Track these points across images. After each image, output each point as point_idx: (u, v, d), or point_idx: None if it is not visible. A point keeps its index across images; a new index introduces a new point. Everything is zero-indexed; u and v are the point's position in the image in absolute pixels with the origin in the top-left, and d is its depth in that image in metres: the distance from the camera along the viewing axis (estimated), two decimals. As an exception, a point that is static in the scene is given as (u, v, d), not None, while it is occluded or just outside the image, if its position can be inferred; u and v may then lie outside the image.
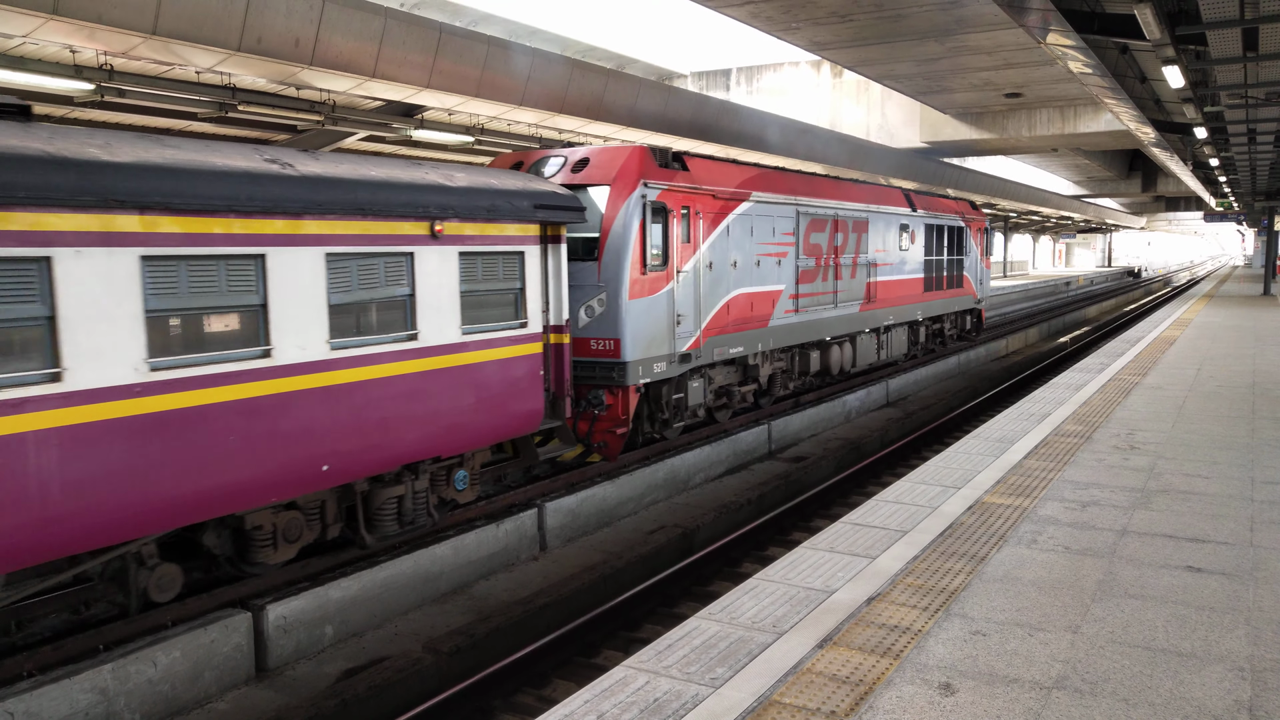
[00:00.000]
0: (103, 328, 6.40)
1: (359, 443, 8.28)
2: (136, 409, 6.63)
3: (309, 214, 7.75)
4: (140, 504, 6.70)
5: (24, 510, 6.04)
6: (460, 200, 9.22)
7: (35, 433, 6.05)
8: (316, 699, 6.97)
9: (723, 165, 14.57)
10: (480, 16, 31.84)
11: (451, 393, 9.21)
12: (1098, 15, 13.46)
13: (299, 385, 7.76)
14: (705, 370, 14.12)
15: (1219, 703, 4.21)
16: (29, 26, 10.16)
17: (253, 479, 7.45)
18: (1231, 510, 7.14)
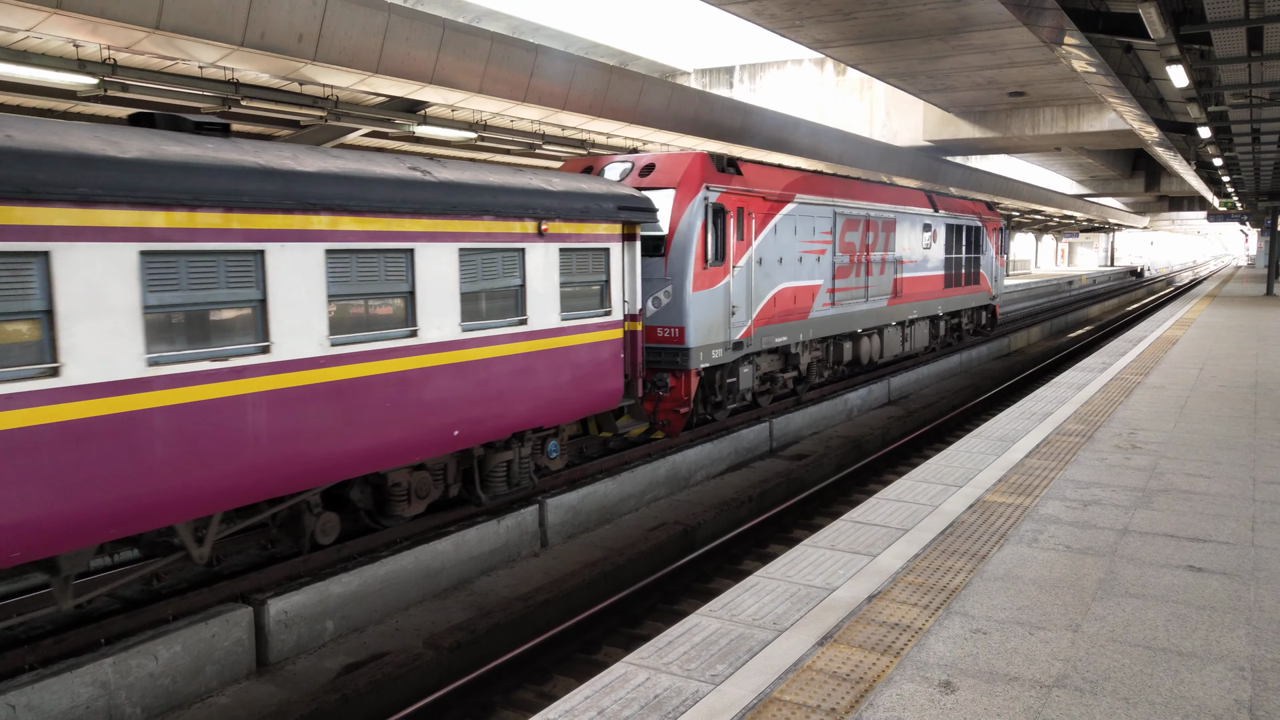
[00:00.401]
0: (299, 310, 7.70)
1: (481, 412, 9.63)
2: (321, 378, 7.95)
3: (446, 215, 9.07)
4: (321, 457, 8.00)
5: (244, 457, 7.34)
6: (560, 203, 10.56)
7: (251, 395, 7.37)
8: (317, 694, 6.99)
9: (770, 169, 15.80)
10: (483, 13, 31.83)
11: (552, 371, 10.59)
12: (1102, 14, 13.44)
13: (437, 361, 9.06)
14: (754, 357, 15.44)
15: (1219, 702, 4.21)
16: (33, 20, 10.16)
17: (400, 441, 8.73)
18: (1233, 510, 7.13)
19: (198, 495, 7.12)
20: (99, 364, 6.40)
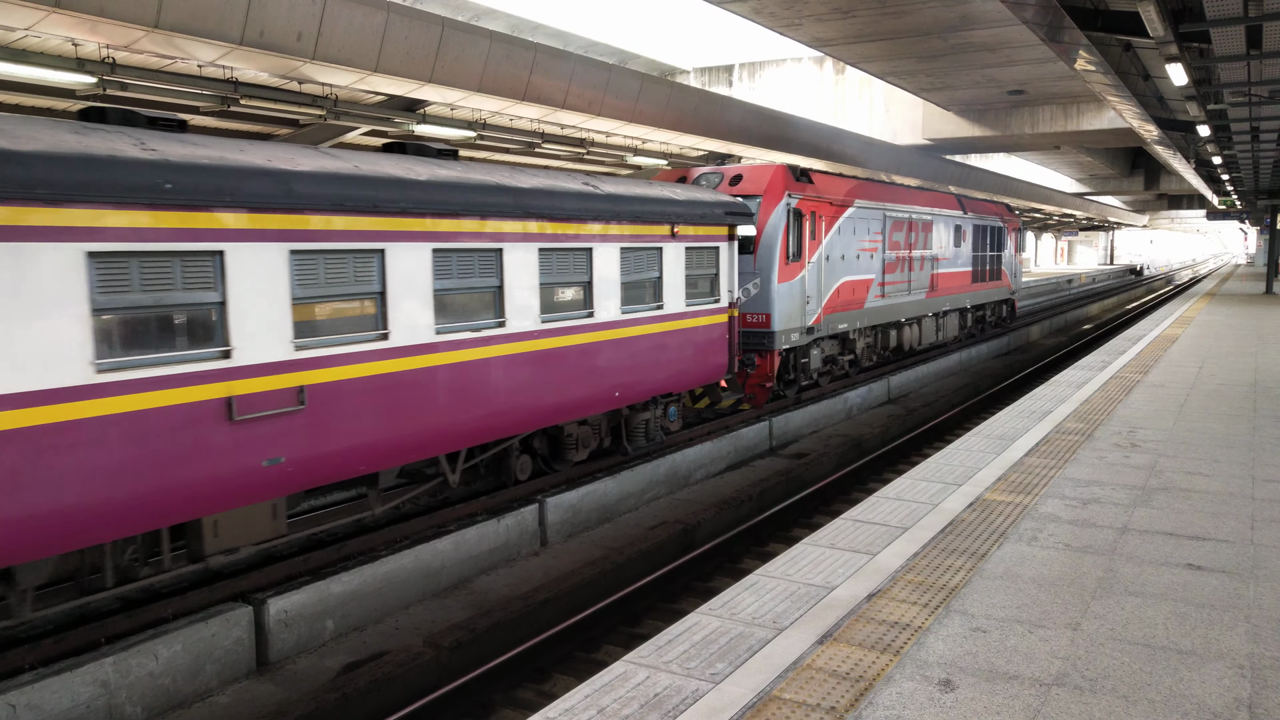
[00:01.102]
0: (523, 294, 10.13)
1: (632, 378, 12.03)
2: (534, 347, 10.33)
3: (612, 221, 11.45)
4: (531, 409, 10.37)
5: (488, 405, 9.70)
6: (685, 210, 12.87)
7: (493, 358, 9.78)
8: (317, 693, 6.99)
9: (835, 178, 18.36)
10: (482, 11, 31.81)
11: (679, 347, 12.95)
12: (1101, 13, 13.43)
13: (606, 337, 11.50)
14: (821, 341, 17.91)
15: (1219, 700, 4.21)
16: (31, 19, 10.15)
17: (579, 399, 11.10)
18: (1232, 508, 7.14)
19: (460, 432, 9.49)
20: (407, 331, 8.77)
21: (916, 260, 21.79)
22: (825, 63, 34.84)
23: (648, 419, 12.85)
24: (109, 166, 6.54)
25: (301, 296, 7.84)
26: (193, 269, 7.07)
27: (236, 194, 7.25)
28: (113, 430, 6.56)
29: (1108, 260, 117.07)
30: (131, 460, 6.70)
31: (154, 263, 6.81)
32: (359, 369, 8.27)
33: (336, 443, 8.13)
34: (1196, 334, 20.23)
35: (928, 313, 22.78)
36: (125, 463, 6.64)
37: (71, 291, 6.31)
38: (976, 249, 26.00)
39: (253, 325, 7.45)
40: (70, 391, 6.33)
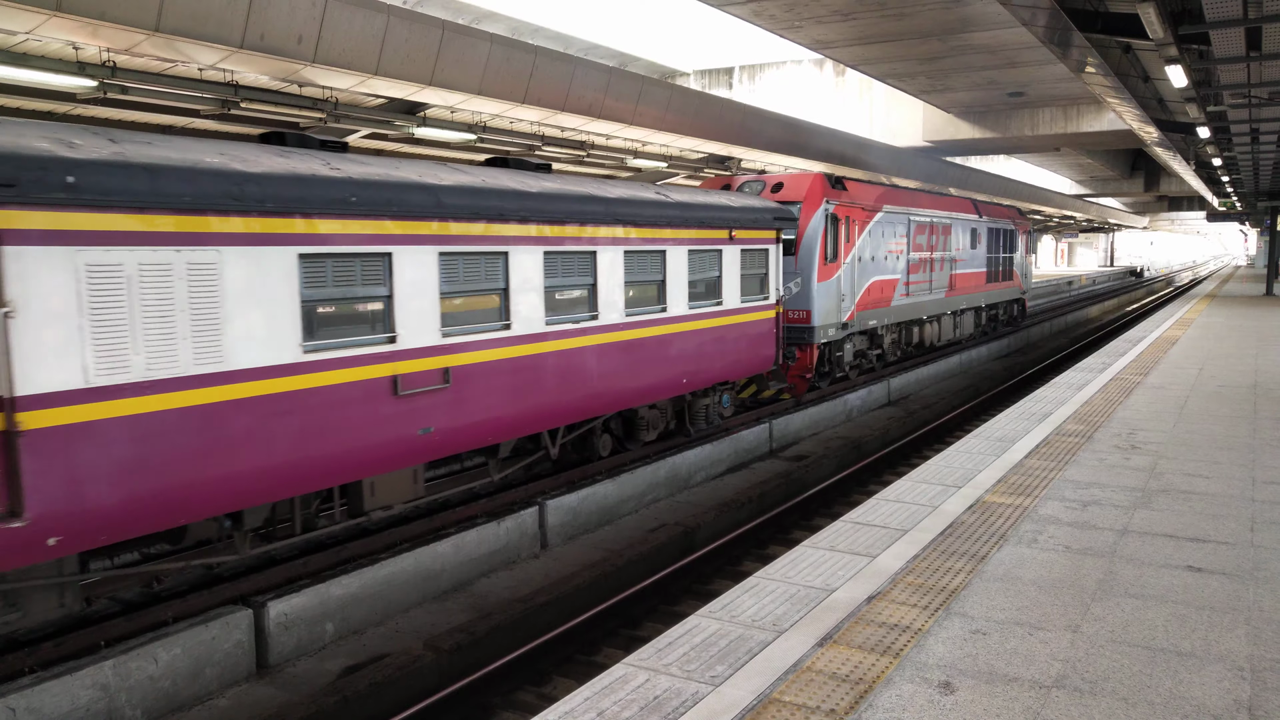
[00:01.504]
0: (612, 291, 11.43)
1: (696, 367, 13.25)
2: (620, 337, 11.67)
3: (681, 226, 12.71)
4: (616, 393, 11.71)
5: (583, 388, 11.06)
6: (741, 215, 14.14)
7: (587, 346, 11.08)
8: (317, 696, 6.99)
9: (866, 185, 19.84)
10: (483, 14, 31.84)
11: (735, 340, 14.17)
12: (1101, 14, 13.44)
13: (676, 329, 12.79)
14: (854, 336, 19.30)
15: (1218, 702, 4.21)
16: (32, 23, 10.16)
17: (654, 385, 12.47)
18: (1232, 510, 7.13)
19: (562, 411, 10.83)
20: (525, 322, 10.11)
21: (937, 261, 23.27)
22: (825, 65, 34.86)
23: (707, 404, 14.27)
24: (312, 184, 7.87)
25: (446, 291, 9.19)
26: (369, 268, 8.41)
27: (400, 205, 8.58)
28: (313, 401, 7.89)
29: (1108, 262, 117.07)
30: (327, 426, 8.02)
31: (342, 263, 8.18)
32: (488, 354, 9.76)
33: (471, 417, 9.56)
34: (1197, 336, 20.22)
35: (947, 311, 24.26)
36: (322, 428, 7.98)
37: (289, 286, 7.67)
38: (991, 251, 27.45)
39: (412, 315, 8.79)
40: (287, 368, 7.68)
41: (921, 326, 23.00)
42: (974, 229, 25.92)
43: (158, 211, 6.78)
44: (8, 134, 6.22)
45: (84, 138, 6.68)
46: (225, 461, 7.24)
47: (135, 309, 6.68)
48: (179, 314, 6.94)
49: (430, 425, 9.01)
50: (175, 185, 6.87)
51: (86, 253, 6.40)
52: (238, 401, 7.29)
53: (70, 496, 6.34)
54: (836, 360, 18.55)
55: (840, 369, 18.80)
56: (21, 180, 6.03)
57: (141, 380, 6.72)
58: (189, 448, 7.02)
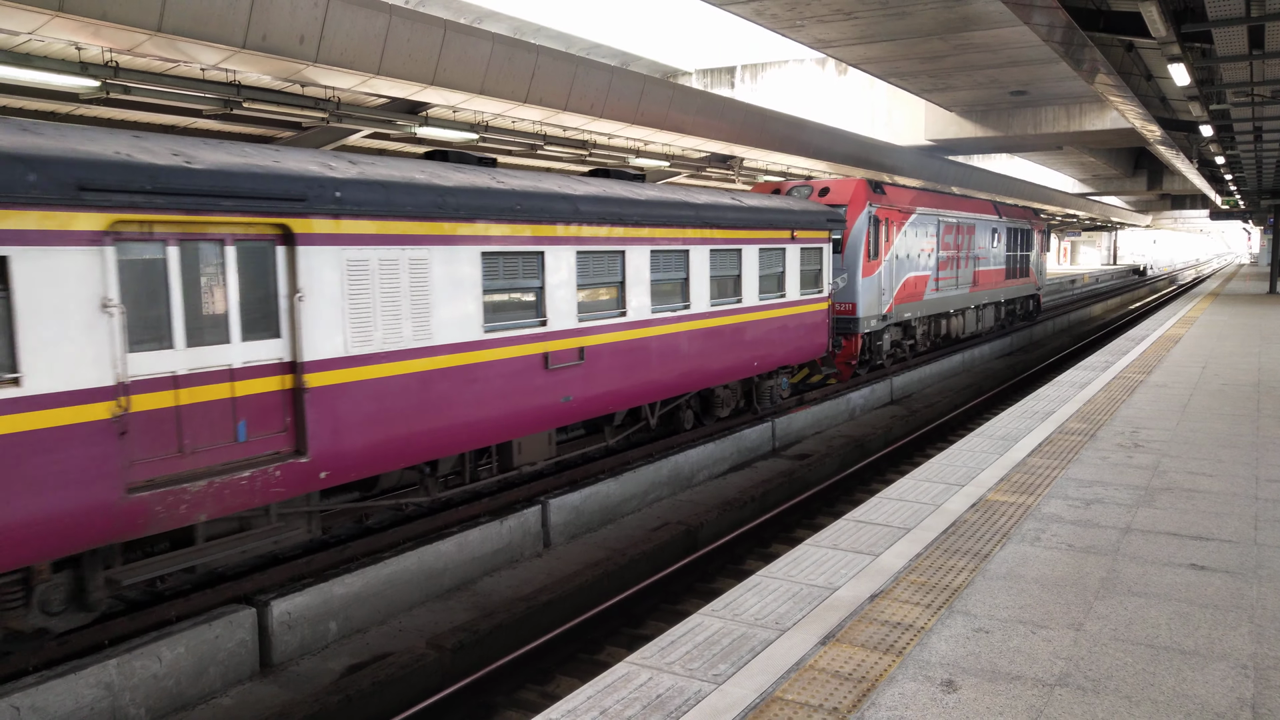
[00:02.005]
0: (701, 284, 13.26)
1: (764, 352, 15.14)
2: (706, 324, 13.49)
3: (754, 227, 14.53)
4: (701, 372, 13.51)
5: (678, 368, 12.89)
6: (801, 217, 16.01)
7: (681, 332, 12.85)
8: (320, 694, 7.00)
9: (901, 189, 21.70)
10: (484, 13, 31.84)
11: (795, 328, 16.00)
12: (1103, 13, 13.42)
13: (750, 318, 14.62)
14: (891, 327, 21.07)
15: (1222, 700, 4.21)
16: (34, 23, 10.17)
17: (730, 367, 14.31)
18: (1235, 508, 7.13)
19: (661, 387, 12.68)
20: (637, 310, 12.01)
21: (962, 259, 25.17)
22: (827, 64, 34.81)
23: (771, 385, 16.13)
24: (489, 195, 9.69)
25: (580, 284, 11.04)
26: (527, 264, 10.29)
27: (549, 212, 10.42)
28: (489, 372, 9.80)
29: (1111, 260, 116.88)
30: (498, 393, 9.89)
31: (509, 260, 10.04)
32: (609, 336, 11.60)
33: (598, 388, 11.42)
34: (1200, 334, 20.19)
35: (970, 305, 26.28)
36: (495, 394, 9.86)
37: (475, 278, 9.54)
38: (1009, 249, 29.37)
39: (558, 304, 10.68)
40: (473, 344, 9.56)
41: (948, 319, 24.91)
42: (994, 229, 27.76)
43: (391, 218, 8.55)
44: (294, 159, 8.05)
45: (335, 160, 8.56)
46: (431, 419, 9.10)
47: (376, 296, 8.47)
48: (403, 300, 8.75)
49: (570, 394, 11.04)
50: (402, 197, 8.68)
51: (347, 251, 8.18)
52: (440, 370, 9.19)
53: (334, 441, 8.12)
54: (876, 349, 20.38)
55: (879, 357, 20.59)
56: (309, 196, 7.82)
57: (379, 351, 8.54)
58: (409, 406, 8.84)
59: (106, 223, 6.59)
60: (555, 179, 11.25)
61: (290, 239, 7.78)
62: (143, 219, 6.85)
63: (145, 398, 6.90)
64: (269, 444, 7.73)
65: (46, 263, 6.28)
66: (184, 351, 7.17)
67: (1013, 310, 31.45)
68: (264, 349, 7.70)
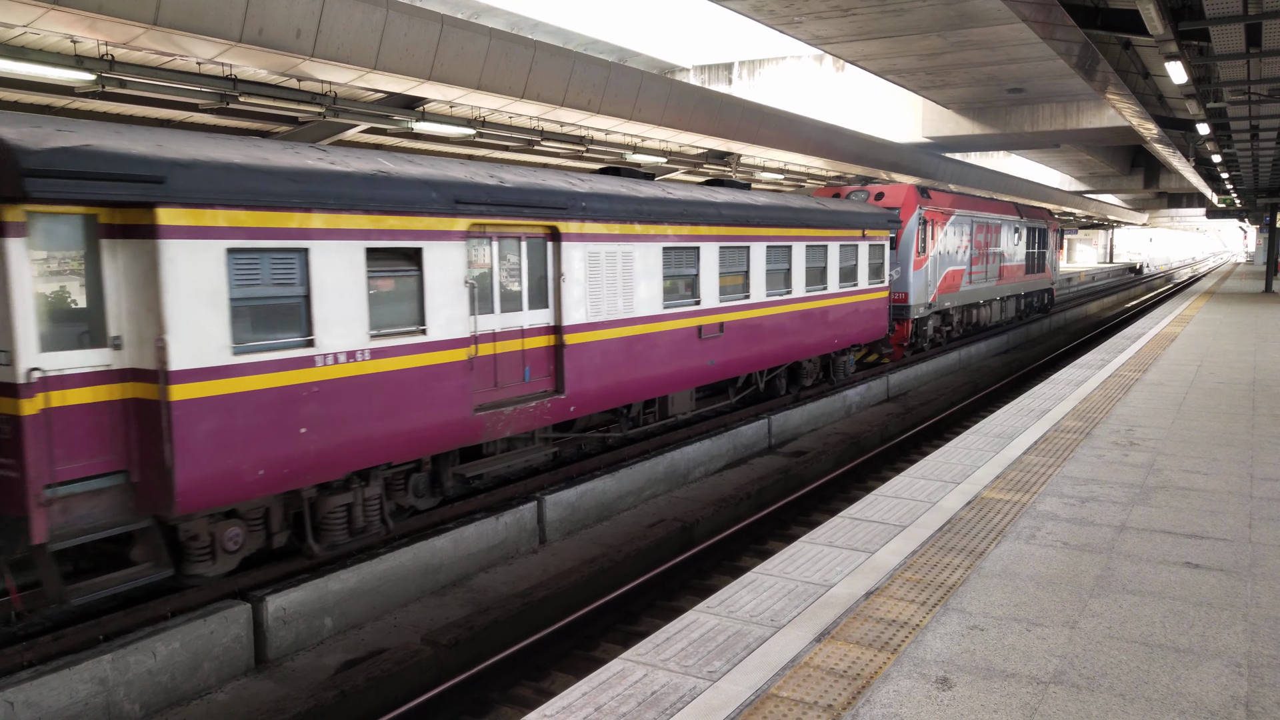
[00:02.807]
0: (800, 272, 16.19)
1: (838, 332, 18.02)
2: (801, 307, 16.24)
3: (836, 227, 17.34)
4: (797, 347, 16.35)
5: (759, 348, 15.14)
6: (869, 219, 18.92)
7: (752, 318, 14.93)
8: (315, 690, 6.99)
9: (943, 194, 24.55)
10: (482, 9, 31.77)
11: (863, 313, 18.97)
12: (1101, 10, 13.43)
13: (832, 303, 17.52)
14: (933, 315, 24.35)
15: (1216, 698, 4.21)
16: (30, 16, 10.12)
17: (818, 342, 17.10)
18: (1230, 506, 7.14)
19: (769, 357, 15.61)
20: (757, 293, 15.00)
21: (990, 255, 28.20)
22: (825, 60, 34.79)
23: (845, 361, 19.04)
24: (668, 204, 12.77)
25: (721, 272, 14.02)
26: (689, 256, 13.34)
27: (703, 215, 13.48)
28: (665, 339, 12.85)
29: (1107, 258, 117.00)
30: (670, 356, 12.97)
31: (679, 253, 13.06)
32: (738, 314, 14.60)
33: (731, 355, 14.49)
34: (1195, 332, 20.23)
35: (996, 297, 29.41)
36: (667, 357, 12.92)
37: (658, 267, 12.62)
38: (1029, 247, 32.38)
39: (707, 287, 13.71)
40: (656, 317, 12.67)
41: (978, 309, 28.15)
42: (1016, 229, 30.69)
43: (609, 222, 11.71)
44: (553, 179, 11.01)
45: (577, 179, 11.53)
46: (631, 372, 12.22)
47: (603, 279, 11.59)
48: (618, 282, 11.86)
49: (713, 359, 14.04)
50: (618, 206, 11.82)
51: (588, 245, 11.33)
52: (638, 336, 12.35)
53: (578, 384, 11.28)
54: (922, 333, 23.55)
55: (924, 340, 23.85)
56: (568, 205, 10.90)
57: (604, 320, 11.66)
58: (619, 362, 12.01)
59: (467, 225, 9.62)
60: (696, 188, 14.20)
61: (556, 236, 10.86)
62: (482, 223, 9.88)
63: (481, 347, 9.97)
64: (542, 384, 10.87)
65: (439, 253, 9.27)
66: (499, 316, 10.24)
67: (1031, 303, 34.36)
68: (540, 316, 10.79)
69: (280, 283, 7.87)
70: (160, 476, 7.04)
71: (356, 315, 8.43)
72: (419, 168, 9.27)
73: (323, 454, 8.17)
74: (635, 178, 13.08)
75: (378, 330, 8.69)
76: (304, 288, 8.01)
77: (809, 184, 33.59)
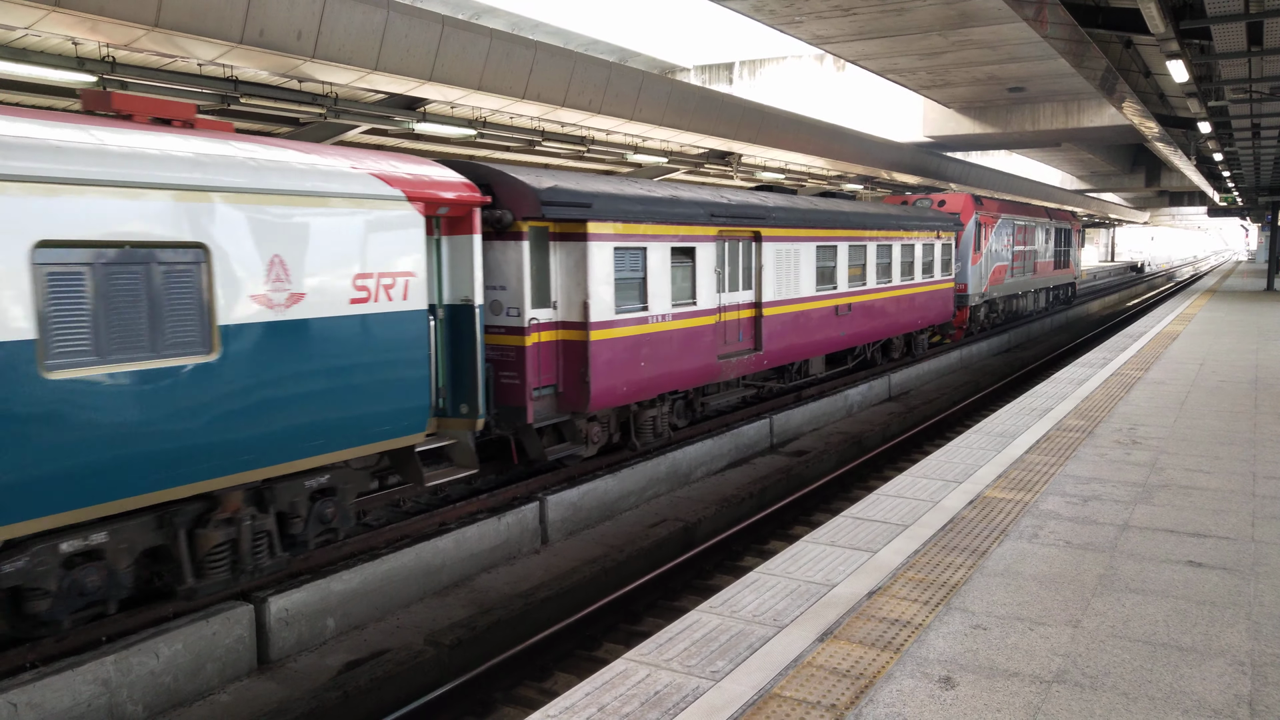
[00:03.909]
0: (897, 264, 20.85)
1: (921, 314, 22.21)
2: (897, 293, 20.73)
3: (920, 230, 21.66)
4: (894, 325, 20.94)
5: (885, 320, 20.30)
6: (940, 222, 23.12)
7: (887, 297, 20.19)
8: (318, 691, 6.99)
9: (992, 201, 29.42)
10: (483, 9, 31.78)
11: (937, 299, 23.24)
12: (1102, 9, 13.42)
13: (916, 290, 21.72)
14: (984, 304, 28.75)
15: (1219, 697, 4.21)
16: (31, 18, 10.13)
17: (906, 322, 21.43)
18: (1233, 505, 7.14)
19: (879, 331, 19.89)
20: (869, 282, 19.26)
21: (1027, 253, 32.34)
22: (826, 60, 34.76)
23: (922, 339, 23.35)
24: (816, 212, 16.84)
25: (849, 264, 18.18)
26: (830, 252, 17.32)
27: (836, 221, 17.44)
28: (816, 314, 16.93)
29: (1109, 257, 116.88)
30: (818, 328, 17.02)
31: (825, 250, 17.11)
32: (858, 297, 18.68)
33: (854, 329, 18.65)
34: (1197, 331, 20.21)
35: (1031, 289, 33.74)
36: (817, 328, 16.97)
37: (813, 260, 16.67)
38: (1056, 246, 36.65)
39: (841, 276, 17.81)
40: (810, 298, 16.64)
41: (1017, 299, 32.49)
42: (1047, 230, 34.98)
43: (788, 228, 15.78)
44: (755, 197, 15.57)
45: (766, 196, 16.16)
46: (796, 338, 16.26)
47: (782, 269, 15.62)
48: (791, 272, 15.89)
49: (844, 331, 18.15)
50: (791, 216, 15.91)
51: (777, 245, 15.46)
52: (802, 311, 16.39)
53: (768, 343, 15.35)
54: (976, 318, 27.95)
55: (977, 325, 28.40)
56: (766, 216, 14.96)
57: (783, 299, 15.74)
58: (792, 329, 16.09)
59: (716, 231, 13.84)
60: (829, 201, 18.70)
61: (759, 238, 15.05)
62: (722, 230, 14.06)
63: (722, 314, 14.20)
64: (747, 344, 15.01)
65: (704, 250, 13.57)
66: (728, 294, 14.36)
67: (1058, 294, 38.89)
68: (747, 295, 14.92)
69: (633, 270, 12.13)
70: (580, 389, 11.25)
71: (667, 291, 12.78)
72: (691, 192, 13.83)
73: (649, 381, 12.46)
74: (795, 195, 17.74)
75: (675, 301, 12.98)
76: (643, 273, 12.28)
77: (810, 184, 33.58)
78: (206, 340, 7.03)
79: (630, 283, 12.03)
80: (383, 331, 8.49)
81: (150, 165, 6.70)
